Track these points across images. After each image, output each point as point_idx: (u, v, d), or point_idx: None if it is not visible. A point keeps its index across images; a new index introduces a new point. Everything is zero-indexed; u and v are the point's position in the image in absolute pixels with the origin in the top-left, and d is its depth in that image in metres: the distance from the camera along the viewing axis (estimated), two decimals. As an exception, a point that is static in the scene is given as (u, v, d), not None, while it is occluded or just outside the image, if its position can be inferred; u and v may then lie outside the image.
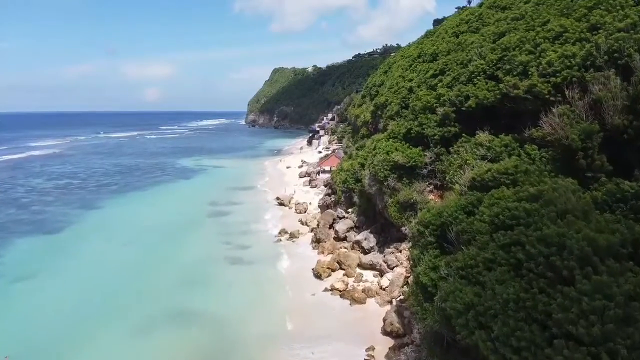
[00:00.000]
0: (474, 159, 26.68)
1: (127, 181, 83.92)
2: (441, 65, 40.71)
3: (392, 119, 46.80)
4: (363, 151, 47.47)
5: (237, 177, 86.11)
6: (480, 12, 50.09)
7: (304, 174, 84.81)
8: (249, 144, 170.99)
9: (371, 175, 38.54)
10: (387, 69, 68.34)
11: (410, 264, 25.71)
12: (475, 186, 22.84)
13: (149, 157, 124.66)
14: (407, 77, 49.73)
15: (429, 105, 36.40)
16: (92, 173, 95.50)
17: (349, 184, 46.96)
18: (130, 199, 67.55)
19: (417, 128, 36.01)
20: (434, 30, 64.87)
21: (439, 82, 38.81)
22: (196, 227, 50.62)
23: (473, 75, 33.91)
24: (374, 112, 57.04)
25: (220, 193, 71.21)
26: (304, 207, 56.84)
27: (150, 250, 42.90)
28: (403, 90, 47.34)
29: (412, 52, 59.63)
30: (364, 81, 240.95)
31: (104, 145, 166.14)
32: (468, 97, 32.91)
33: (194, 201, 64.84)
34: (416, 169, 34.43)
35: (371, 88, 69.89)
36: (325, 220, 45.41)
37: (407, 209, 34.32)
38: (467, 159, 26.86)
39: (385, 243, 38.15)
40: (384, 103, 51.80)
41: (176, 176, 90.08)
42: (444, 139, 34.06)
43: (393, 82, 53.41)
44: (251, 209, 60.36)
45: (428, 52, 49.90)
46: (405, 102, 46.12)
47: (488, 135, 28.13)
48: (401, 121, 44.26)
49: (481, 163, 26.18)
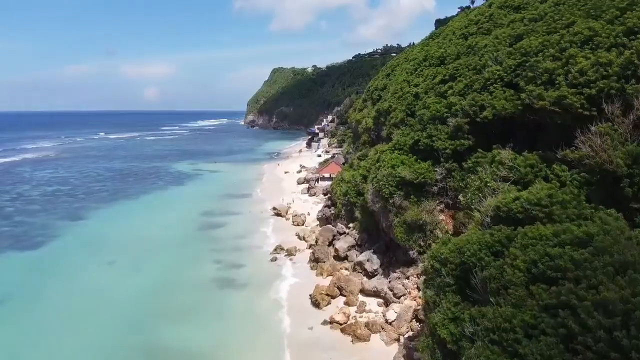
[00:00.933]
0: (494, 181, 23.33)
1: (119, 188, 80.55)
2: (451, 70, 37.36)
3: (397, 127, 43.48)
4: (365, 162, 44.16)
5: (233, 184, 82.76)
6: (490, 12, 46.76)
7: (303, 180, 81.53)
8: (247, 146, 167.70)
9: (375, 190, 35.20)
10: (389, 72, 65.02)
11: (423, 303, 22.44)
12: (500, 217, 19.51)
13: (144, 161, 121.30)
14: (413, 81, 46.38)
15: (439, 114, 33.05)
16: (83, 178, 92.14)
17: (350, 197, 43.63)
18: (119, 208, 64.19)
19: (426, 140, 32.66)
20: (439, 31, 61.56)
21: (449, 89, 35.46)
22: (186, 243, 47.28)
23: (489, 82, 30.56)
24: (377, 119, 53.70)
25: (215, 201, 67.89)
26: (301, 219, 53.51)
27: (133, 270, 39.60)
28: (408, 96, 44.01)
29: (416, 54, 56.27)
30: (364, 82, 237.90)
31: (99, 148, 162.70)
32: (483, 107, 29.58)
33: (187, 211, 61.48)
34: (425, 186, 31.08)
35: (373, 92, 66.56)
36: (324, 237, 42.08)
37: (416, 230, 31.01)
38: (486, 180, 23.50)
39: (390, 265, 34.84)
40: (388, 109, 48.48)
41: (170, 182, 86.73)
42: (456, 153, 30.72)
43: (397, 86, 50.06)
44: (246, 220, 57.03)
45: (435, 55, 46.55)
46: (411, 109, 42.81)
47: (510, 152, 24.77)
48: (407, 130, 40.94)
49: (503, 185, 22.86)
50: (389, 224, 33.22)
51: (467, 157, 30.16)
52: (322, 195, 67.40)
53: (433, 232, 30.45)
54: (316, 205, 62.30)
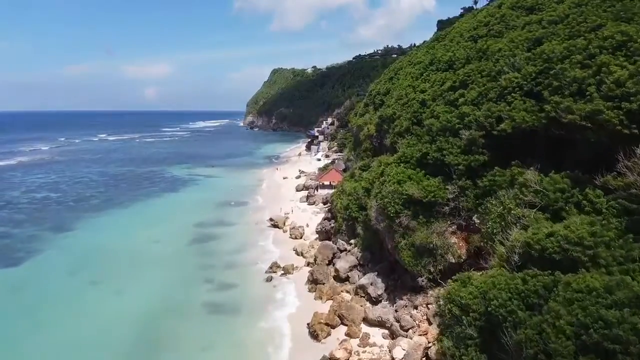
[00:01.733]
0: (519, 207, 20.38)
1: (110, 195, 77.55)
2: (461, 77, 34.43)
3: (402, 137, 40.56)
4: (368, 173, 41.23)
5: (230, 190, 79.74)
6: (501, 13, 43.84)
7: (302, 187, 78.55)
8: (246, 149, 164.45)
9: (379, 207, 32.25)
10: (392, 76, 62.08)
11: (437, 350, 19.47)
12: (532, 256, 16.62)
13: (139, 165, 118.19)
14: (418, 87, 43.47)
15: (450, 125, 30.13)
16: (74, 184, 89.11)
17: (352, 211, 40.69)
18: (108, 218, 61.20)
19: (436, 154, 29.71)
20: (445, 33, 58.63)
21: (460, 97, 32.53)
22: (176, 259, 44.31)
23: (506, 91, 27.67)
24: (379, 125, 50.78)
25: (210, 210, 64.91)
26: (299, 232, 50.53)
27: (117, 293, 36.67)
28: (414, 103, 41.10)
29: (421, 58, 53.37)
30: (364, 83, 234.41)
31: (95, 150, 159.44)
32: (501, 119, 26.67)
33: (179, 222, 58.51)
34: (436, 205, 28.13)
35: (375, 96, 63.62)
36: (323, 255, 39.13)
37: (425, 255, 28.07)
38: (510, 206, 20.54)
39: (395, 289, 31.89)
40: (391, 116, 45.58)
41: (164, 189, 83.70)
42: (470, 169, 27.85)
43: (401, 92, 47.15)
44: (241, 231, 54.07)
45: (442, 59, 43.62)
46: (417, 118, 39.90)
47: (534, 172, 21.82)
48: (413, 140, 38.03)
49: (529, 212, 19.92)
50: (395, 245, 30.27)
51: (482, 173, 27.30)
52: (322, 204, 64.47)
53: (444, 256, 27.54)
54: (315, 215, 59.37)
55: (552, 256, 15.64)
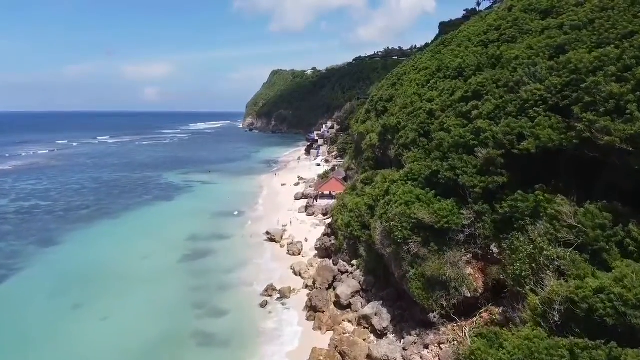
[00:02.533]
0: (552, 246, 17.51)
1: (101, 203, 74.61)
2: (474, 86, 31.53)
3: (408, 149, 37.70)
4: (372, 189, 38.34)
5: (226, 199, 76.88)
6: (514, 17, 40.98)
7: (301, 196, 75.72)
8: (244, 153, 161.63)
9: (384, 231, 29.38)
10: (395, 81, 59.20)
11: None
12: (575, 316, 13.78)
13: (134, 170, 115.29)
14: (425, 95, 40.60)
15: (464, 142, 27.27)
16: (66, 191, 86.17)
17: (354, 229, 37.81)
18: (97, 231, 58.29)
19: (448, 173, 26.83)
20: (451, 36, 55.72)
21: (474, 109, 29.64)
22: (165, 279, 41.42)
23: (527, 105, 24.83)
24: (383, 135, 47.87)
25: (204, 222, 62.03)
26: (297, 249, 47.62)
27: (100, 319, 33.85)
28: (421, 113, 38.22)
29: (427, 63, 50.51)
30: (364, 85, 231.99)
31: (91, 154, 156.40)
32: (522, 137, 23.80)
33: (171, 235, 55.62)
34: (449, 232, 25.25)
35: (377, 102, 60.69)
36: (323, 278, 36.23)
37: (437, 288, 25.19)
38: (542, 246, 17.66)
39: (402, 319, 29.01)
40: (396, 126, 42.68)
41: (158, 197, 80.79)
42: (488, 192, 25.01)
43: (406, 100, 44.28)
44: (236, 246, 51.19)
45: (451, 65, 40.77)
46: (425, 129, 37.04)
47: (567, 202, 18.95)
48: (419, 153, 35.30)
49: (564, 253, 17.06)
50: (403, 274, 27.41)
51: (500, 196, 24.46)
52: (322, 215, 61.63)
53: (459, 289, 24.66)
54: (315, 228, 56.52)
55: (603, 319, 12.77)
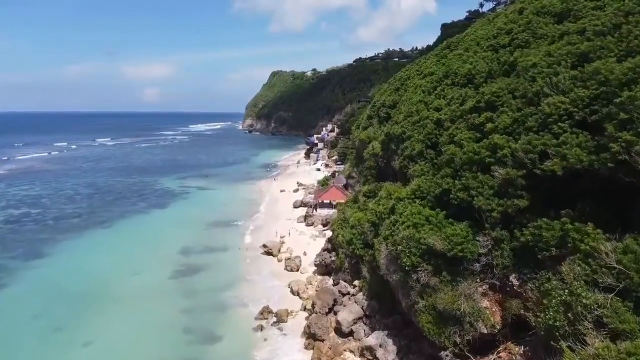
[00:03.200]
0: (590, 291, 14.98)
1: (94, 211, 72.01)
2: (488, 96, 28.98)
3: (414, 161, 35.24)
4: (375, 204, 35.77)
5: (222, 206, 74.27)
6: (526, 20, 38.46)
7: (299, 204, 73.19)
8: (243, 156, 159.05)
9: (390, 255, 26.86)
10: (399, 86, 56.65)
11: None
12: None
13: (130, 174, 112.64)
14: (432, 104, 38.09)
15: (478, 158, 24.78)
16: (58, 197, 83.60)
17: (356, 248, 35.28)
18: (86, 242, 55.75)
19: (462, 193, 24.29)
20: (457, 40, 53.24)
21: (488, 121, 27.10)
22: (154, 298, 38.86)
23: (551, 119, 22.33)
24: (386, 144, 45.36)
25: (198, 232, 59.49)
26: (295, 264, 45.06)
27: (81, 345, 31.46)
28: (428, 123, 35.75)
29: (433, 68, 47.98)
30: (365, 87, 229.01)
31: (88, 157, 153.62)
32: (546, 155, 21.32)
33: (164, 247, 53.10)
34: (464, 261, 22.72)
35: (379, 108, 58.15)
36: (323, 301, 33.65)
37: (450, 322, 22.64)
38: (579, 291, 15.12)
39: (410, 351, 26.50)
40: (400, 135, 40.19)
41: (153, 204, 78.21)
42: (506, 216, 22.50)
43: (411, 108, 41.75)
44: (231, 260, 48.63)
45: (459, 71, 38.26)
46: (432, 140, 34.57)
47: (604, 237, 16.44)
48: (426, 166, 32.91)
49: (604, 300, 14.55)
50: (411, 304, 24.89)
51: (520, 219, 21.95)
52: (321, 225, 59.10)
53: (474, 325, 22.13)
54: (314, 240, 53.98)
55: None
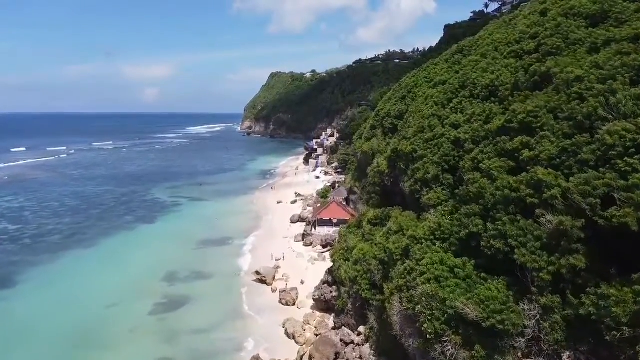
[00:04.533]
0: None
1: (76, 227, 66.90)
2: (521, 115, 23.98)
3: (428, 186, 30.29)
4: (383, 236, 30.70)
5: (214, 221, 69.34)
6: (555, 23, 33.50)
7: (297, 219, 68.16)
8: (240, 161, 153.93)
9: (406, 314, 21.84)
10: (405, 94, 51.64)
11: None
12: None
13: (120, 183, 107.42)
14: (449, 119, 33.09)
15: (517, 198, 19.79)
16: (42, 210, 78.47)
17: (361, 288, 30.20)
18: (62, 265, 50.71)
19: (497, 242, 19.28)
20: (469, 43, 48.22)
21: (524, 147, 22.12)
22: (126, 344, 33.74)
23: (614, 152, 17.38)
24: (393, 160, 40.39)
25: (186, 254, 54.41)
26: (292, 298, 39.98)
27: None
28: (444, 142, 30.80)
29: (445, 75, 42.99)
30: (365, 89, 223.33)
31: (79, 164, 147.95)
32: (611, 200, 16.41)
33: (146, 271, 48.13)
34: (505, 335, 17.69)
35: (384, 118, 53.20)
36: (322, 355, 28.61)
37: (484, 413, 17.59)
38: None
39: None
40: (410, 154, 35.23)
41: (140, 218, 73.09)
42: (559, 277, 17.52)
43: (423, 122, 36.75)
44: (219, 290, 43.52)
45: (480, 81, 33.26)
46: (450, 163, 29.65)
47: None
48: (443, 194, 28.10)
49: None
50: (432, 379, 19.85)
51: (577, 280, 16.99)
52: (321, 246, 54.09)
53: None
54: (313, 264, 48.98)
55: None
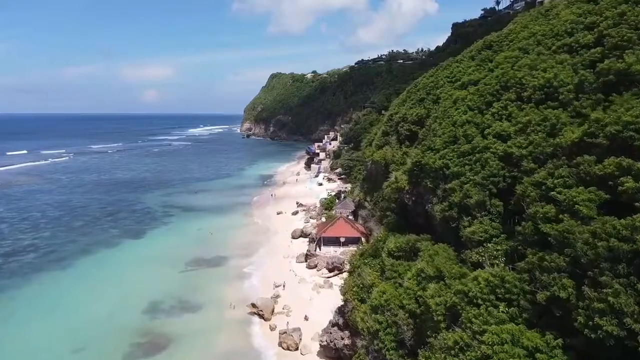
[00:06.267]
0: None
1: (55, 243, 60.26)
2: (615, 129, 17.38)
3: (470, 215, 23.82)
4: (413, 280, 24.02)
5: (207, 236, 62.84)
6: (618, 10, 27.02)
7: (299, 234, 61.50)
8: (238, 165, 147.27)
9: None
10: (424, 96, 44.97)
11: None
12: None
13: (110, 190, 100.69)
14: (492, 127, 26.50)
15: (628, 250, 13.24)
16: (20, 223, 71.84)
17: (385, 347, 23.52)
18: (30, 293, 44.16)
19: (609, 324, 12.69)
20: (499, 38, 41.62)
21: (621, 171, 15.57)
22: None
23: None
24: (416, 176, 33.76)
25: (173, 278, 47.78)
26: (294, 342, 33.28)
27: None
28: (489, 157, 24.26)
29: (475, 75, 36.34)
30: (368, 90, 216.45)
31: (68, 168, 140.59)
32: None
33: (125, 301, 41.62)
34: None
35: (399, 124, 46.60)
36: None
37: None
38: None
39: None
40: (441, 170, 28.67)
41: (126, 232, 66.41)
42: None
43: (456, 131, 30.10)
44: (209, 327, 36.88)
45: (529, 81, 26.66)
46: (499, 186, 23.15)
47: None
48: (496, 229, 21.79)
49: None
50: None
51: None
52: (327, 270, 47.47)
53: None
54: (317, 293, 42.40)
55: None
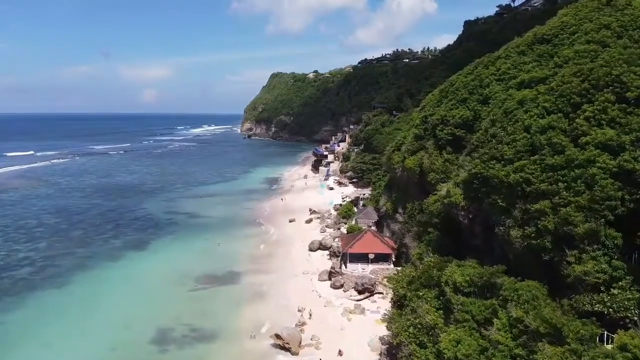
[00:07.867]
0: None
1: (50, 256, 54.71)
2: None
3: (576, 248, 18.86)
4: (503, 330, 18.76)
5: (215, 247, 57.57)
6: None
7: (317, 246, 56.19)
8: (243, 167, 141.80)
9: None
10: (466, 96, 39.70)
11: None
12: None
13: (109, 195, 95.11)
14: (589, 135, 21.26)
15: None
16: (15, 232, 66.03)
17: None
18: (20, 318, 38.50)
19: None
20: (552, 30, 36.50)
21: None
22: None
23: None
24: (473, 189, 28.48)
25: (182, 299, 42.43)
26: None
27: None
28: (597, 175, 19.05)
29: (538, 72, 31.09)
30: (373, 90, 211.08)
31: (67, 171, 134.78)
32: None
33: (128, 327, 36.35)
34: None
35: (436, 127, 41.28)
36: None
37: None
38: None
39: None
40: (519, 185, 23.45)
41: (127, 242, 60.98)
42: None
43: (535, 139, 24.79)
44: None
45: (630, 79, 21.46)
46: (614, 212, 17.93)
47: None
48: (620, 268, 16.41)
49: None
50: None
51: None
52: (356, 292, 42.14)
53: None
54: (349, 321, 37.12)
55: None
